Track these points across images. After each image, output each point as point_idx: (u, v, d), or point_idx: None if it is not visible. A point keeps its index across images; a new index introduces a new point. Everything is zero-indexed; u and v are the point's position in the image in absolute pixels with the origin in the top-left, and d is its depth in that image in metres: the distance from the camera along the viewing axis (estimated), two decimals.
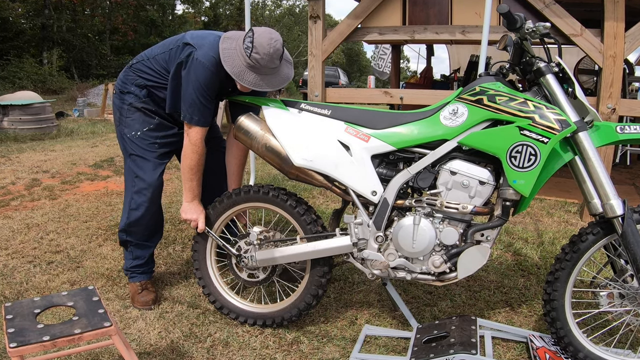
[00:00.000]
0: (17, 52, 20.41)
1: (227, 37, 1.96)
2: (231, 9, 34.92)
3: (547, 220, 3.57)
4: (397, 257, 1.87)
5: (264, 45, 1.85)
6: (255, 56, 1.86)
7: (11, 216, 3.57)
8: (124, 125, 2.21)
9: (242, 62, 1.90)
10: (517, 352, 1.94)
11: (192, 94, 1.96)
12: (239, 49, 1.90)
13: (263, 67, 1.89)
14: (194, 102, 1.96)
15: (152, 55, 2.15)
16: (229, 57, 1.91)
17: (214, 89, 1.99)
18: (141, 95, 2.17)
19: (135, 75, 2.17)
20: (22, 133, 7.44)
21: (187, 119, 2.00)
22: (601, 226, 1.72)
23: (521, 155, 1.66)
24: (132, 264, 2.33)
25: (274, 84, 1.95)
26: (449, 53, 9.61)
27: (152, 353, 1.93)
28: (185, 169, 2.06)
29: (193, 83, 1.95)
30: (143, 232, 2.29)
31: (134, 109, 2.18)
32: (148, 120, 2.18)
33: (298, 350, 1.98)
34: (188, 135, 2.03)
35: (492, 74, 1.81)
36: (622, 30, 3.24)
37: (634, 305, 1.71)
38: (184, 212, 2.10)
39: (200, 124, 2.00)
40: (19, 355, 1.35)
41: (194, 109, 1.97)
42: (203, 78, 1.94)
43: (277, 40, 1.88)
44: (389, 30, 3.95)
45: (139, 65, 2.17)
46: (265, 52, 1.85)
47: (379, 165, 1.89)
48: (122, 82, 2.20)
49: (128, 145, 2.21)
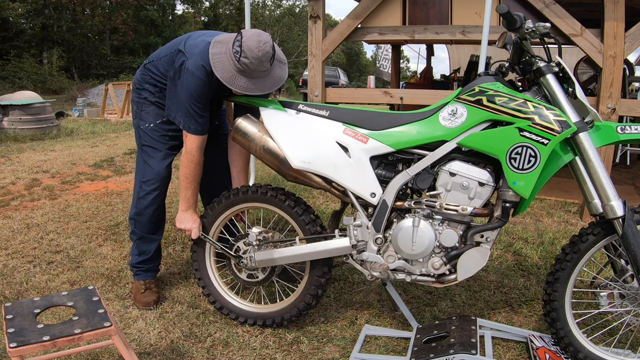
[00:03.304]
0: (17, 52, 20.44)
1: (217, 42, 1.94)
2: (231, 9, 34.92)
3: (547, 220, 3.57)
4: (396, 258, 1.87)
5: (253, 49, 1.83)
6: (244, 60, 1.84)
7: (11, 216, 3.57)
8: (139, 118, 2.27)
9: (232, 67, 1.88)
10: (517, 352, 1.94)
11: (185, 104, 1.97)
12: (228, 54, 1.88)
13: (253, 71, 1.87)
14: (187, 111, 1.98)
15: (158, 57, 2.19)
16: (219, 62, 1.89)
17: (207, 97, 2.00)
18: (154, 91, 2.22)
19: (148, 75, 2.23)
20: (22, 133, 7.44)
21: (185, 128, 2.02)
22: (601, 226, 1.72)
23: (521, 156, 1.65)
24: (138, 259, 2.35)
25: (267, 87, 1.94)
26: (449, 53, 9.60)
27: (152, 353, 1.93)
28: (182, 177, 2.07)
29: (185, 93, 1.96)
30: (148, 224, 2.31)
31: (149, 102, 2.24)
32: (161, 113, 2.22)
33: (298, 350, 1.98)
34: (185, 144, 2.05)
35: (492, 74, 1.80)
36: (622, 30, 3.24)
37: (634, 305, 1.71)
38: (179, 221, 2.12)
39: (197, 133, 2.02)
40: (19, 355, 1.36)
41: (189, 118, 1.99)
42: (194, 88, 1.94)
43: (266, 43, 1.85)
44: (389, 30, 3.95)
45: (150, 65, 2.22)
46: (254, 56, 1.83)
47: (378, 167, 1.89)
48: (138, 80, 2.27)
49: (142, 137, 2.27)
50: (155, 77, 2.19)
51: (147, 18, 26.75)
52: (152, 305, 2.26)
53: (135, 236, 2.35)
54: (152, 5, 27.66)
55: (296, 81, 22.31)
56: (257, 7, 35.27)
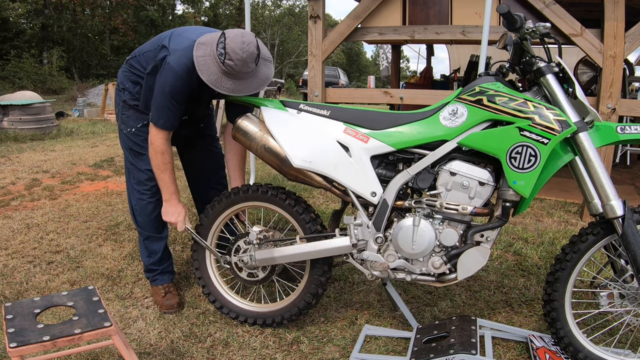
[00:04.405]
0: (17, 52, 20.43)
1: (201, 43, 1.91)
2: (231, 9, 34.93)
3: (547, 220, 3.57)
4: (396, 258, 1.87)
5: (237, 50, 1.80)
6: (229, 62, 1.82)
7: (11, 216, 3.57)
8: (121, 121, 2.27)
9: (217, 69, 1.86)
10: (517, 352, 1.94)
11: (160, 98, 1.96)
12: (213, 55, 1.86)
13: (239, 73, 1.86)
14: (160, 105, 1.97)
15: (142, 52, 2.17)
16: (204, 64, 1.87)
17: (184, 94, 1.98)
18: (134, 92, 2.19)
19: (129, 71, 2.20)
20: (22, 133, 7.44)
21: (154, 121, 2.01)
22: (601, 226, 1.72)
23: (521, 156, 1.65)
24: (149, 261, 2.35)
25: (253, 87, 1.92)
26: (449, 53, 9.60)
27: (152, 353, 1.93)
28: (154, 169, 2.08)
29: (162, 87, 1.95)
30: (149, 223, 2.30)
31: (128, 106, 2.22)
32: (142, 117, 2.21)
33: (298, 350, 1.98)
34: (150, 135, 2.04)
35: (492, 74, 1.80)
36: (622, 30, 3.24)
37: (634, 305, 1.71)
38: (164, 214, 2.12)
39: (165, 128, 2.01)
40: (19, 355, 1.36)
41: (160, 112, 1.98)
42: (172, 83, 1.93)
43: (250, 43, 1.82)
44: (389, 30, 3.95)
45: (132, 61, 2.20)
46: (238, 57, 1.81)
47: (379, 166, 1.89)
48: (120, 79, 2.25)
49: (126, 140, 2.27)
50: (137, 74, 2.17)
51: (147, 18, 26.75)
52: (176, 308, 2.25)
53: (142, 237, 2.36)
54: (152, 5, 27.67)
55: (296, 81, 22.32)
56: (257, 7, 35.27)
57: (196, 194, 2.57)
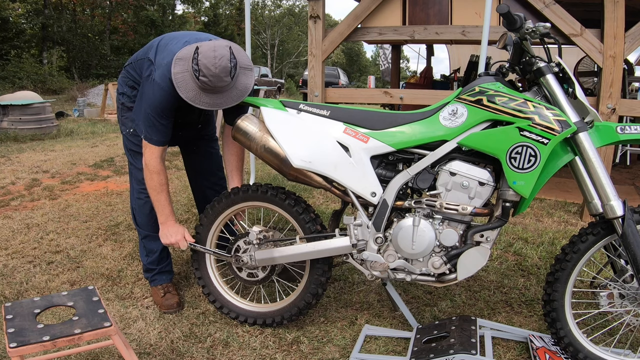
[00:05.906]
0: (17, 52, 20.43)
1: (179, 59, 1.86)
2: (231, 9, 34.92)
3: (547, 220, 3.57)
4: (396, 258, 1.87)
5: (209, 66, 1.77)
6: (203, 79, 1.79)
7: (11, 216, 3.57)
8: (121, 122, 2.31)
9: (194, 84, 1.83)
10: (517, 352, 1.94)
11: (148, 114, 1.96)
12: (190, 71, 1.82)
13: (214, 87, 1.83)
14: (150, 121, 1.96)
15: (136, 60, 2.20)
16: (182, 81, 1.84)
17: (171, 109, 1.97)
18: (132, 95, 2.23)
19: (126, 77, 2.25)
20: (22, 133, 7.43)
21: (146, 138, 2.00)
22: (601, 226, 1.72)
23: (521, 156, 1.65)
24: (148, 260, 2.36)
25: (232, 100, 1.89)
26: (449, 53, 9.60)
27: (152, 353, 1.93)
28: (149, 190, 2.06)
29: (149, 103, 1.95)
30: (148, 222, 2.31)
31: (126, 108, 2.26)
32: None
33: (298, 350, 1.98)
34: (144, 155, 2.02)
35: (492, 74, 1.80)
36: (622, 30, 3.24)
37: (634, 305, 1.71)
38: (163, 237, 2.10)
39: (159, 144, 2.00)
40: (19, 355, 1.36)
41: (151, 129, 1.98)
42: (159, 99, 1.93)
43: (222, 57, 1.77)
44: (389, 30, 3.95)
45: (129, 67, 2.24)
46: (211, 73, 1.77)
47: (379, 166, 1.89)
48: (120, 84, 2.29)
49: (126, 141, 2.31)
50: (133, 79, 2.21)
51: (147, 18, 26.76)
52: (176, 308, 2.25)
53: (141, 236, 2.37)
54: (152, 5, 27.67)
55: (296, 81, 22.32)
56: (257, 7, 35.28)
57: (196, 194, 2.59)
